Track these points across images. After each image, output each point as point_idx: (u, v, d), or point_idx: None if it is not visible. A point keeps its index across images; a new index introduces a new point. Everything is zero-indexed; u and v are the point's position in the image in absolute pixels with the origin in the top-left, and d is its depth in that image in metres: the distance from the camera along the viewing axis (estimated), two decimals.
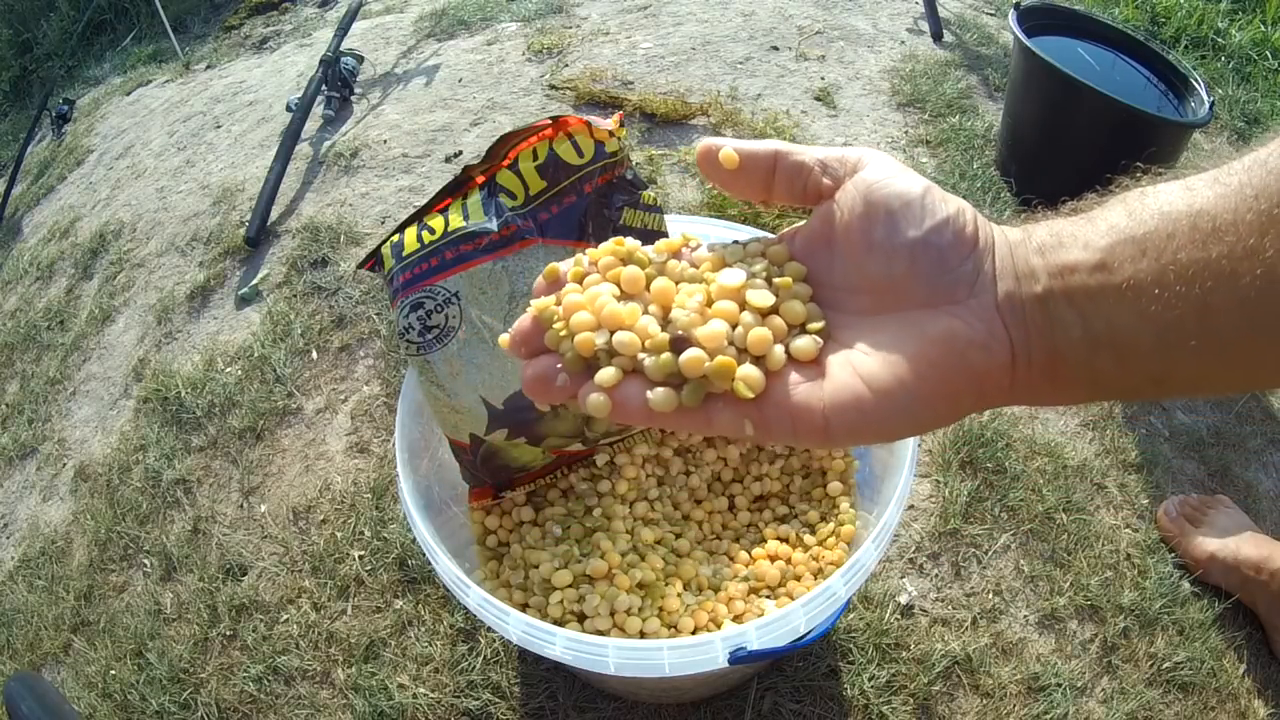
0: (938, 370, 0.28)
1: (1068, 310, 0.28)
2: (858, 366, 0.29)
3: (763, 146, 0.33)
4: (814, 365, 0.30)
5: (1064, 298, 0.28)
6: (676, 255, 0.33)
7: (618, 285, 0.32)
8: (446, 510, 0.69)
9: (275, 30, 2.31)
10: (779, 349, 0.30)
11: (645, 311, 0.31)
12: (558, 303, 0.31)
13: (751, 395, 0.29)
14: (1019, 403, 0.32)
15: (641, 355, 0.30)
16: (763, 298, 0.31)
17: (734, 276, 0.31)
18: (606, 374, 0.29)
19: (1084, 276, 0.28)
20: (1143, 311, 0.27)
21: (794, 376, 0.30)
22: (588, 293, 0.31)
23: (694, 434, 0.73)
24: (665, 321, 0.30)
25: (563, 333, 0.31)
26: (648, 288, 0.32)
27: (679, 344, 0.29)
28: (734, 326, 0.30)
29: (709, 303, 0.31)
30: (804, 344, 0.30)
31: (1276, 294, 0.25)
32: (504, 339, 0.32)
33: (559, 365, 0.30)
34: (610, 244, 0.33)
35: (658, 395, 0.29)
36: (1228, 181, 0.26)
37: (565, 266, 0.33)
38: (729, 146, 0.33)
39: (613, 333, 0.30)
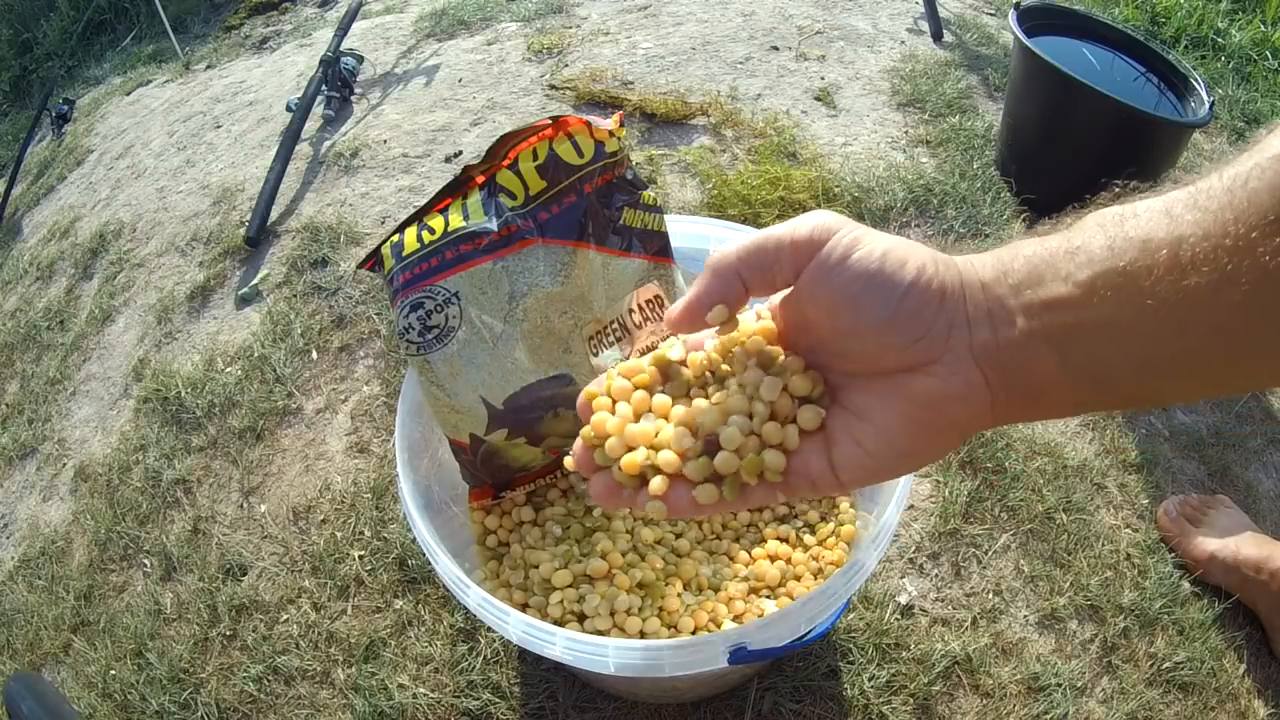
0: (923, 428, 0.32)
1: (1045, 348, 0.29)
2: (854, 434, 0.33)
3: (724, 267, 0.34)
4: (819, 431, 0.34)
5: (1042, 336, 0.29)
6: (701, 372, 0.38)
7: (649, 409, 0.37)
8: (446, 510, 0.69)
9: (275, 30, 2.31)
10: (793, 430, 0.34)
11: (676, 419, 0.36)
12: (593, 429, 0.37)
13: (781, 479, 0.34)
14: (1001, 424, 0.35)
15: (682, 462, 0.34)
16: (771, 387, 0.34)
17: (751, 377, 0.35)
18: (656, 484, 0.34)
19: (1063, 314, 0.28)
20: (1121, 344, 0.27)
21: (806, 447, 0.34)
22: (620, 420, 0.36)
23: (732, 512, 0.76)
24: (695, 427, 0.35)
25: (610, 454, 0.36)
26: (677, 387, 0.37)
27: (710, 446, 0.34)
28: (750, 416, 0.34)
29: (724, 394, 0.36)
30: (809, 416, 0.34)
31: (1250, 316, 0.25)
32: (569, 462, 0.38)
33: (617, 480, 0.36)
34: (633, 365, 0.38)
35: (702, 493, 0.34)
36: (1207, 205, 0.26)
37: (598, 388, 0.38)
38: (708, 311, 0.34)
39: (652, 449, 0.35)
